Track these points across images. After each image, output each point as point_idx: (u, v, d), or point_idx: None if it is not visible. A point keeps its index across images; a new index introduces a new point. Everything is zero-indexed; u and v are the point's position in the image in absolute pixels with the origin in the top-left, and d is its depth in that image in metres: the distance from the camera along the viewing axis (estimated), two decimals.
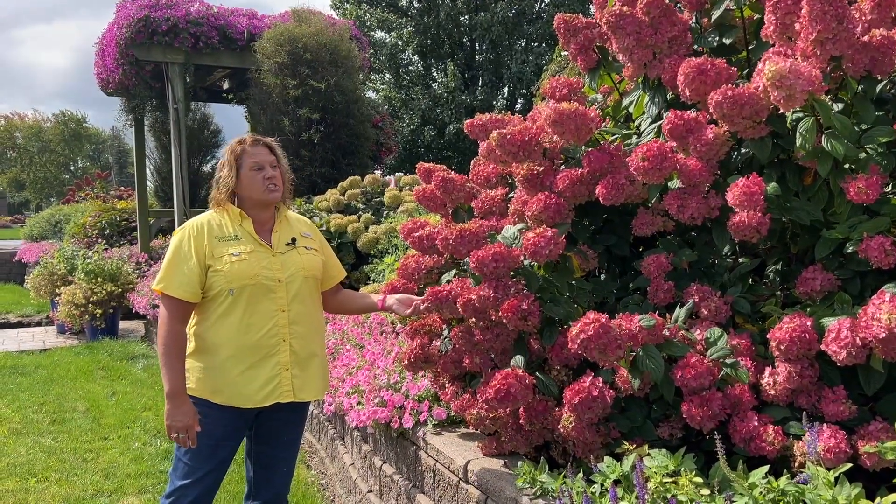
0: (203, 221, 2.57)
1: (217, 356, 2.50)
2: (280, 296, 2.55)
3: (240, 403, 2.51)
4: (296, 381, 2.59)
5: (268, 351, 2.53)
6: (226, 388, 2.50)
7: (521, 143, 2.60)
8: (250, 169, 2.57)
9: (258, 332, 2.51)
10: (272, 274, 2.55)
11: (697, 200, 2.34)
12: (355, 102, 9.39)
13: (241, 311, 2.50)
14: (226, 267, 2.49)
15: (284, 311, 2.56)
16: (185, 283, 2.47)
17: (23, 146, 47.90)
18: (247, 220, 2.60)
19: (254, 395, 2.52)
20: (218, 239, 2.54)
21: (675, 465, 1.96)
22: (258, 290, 2.51)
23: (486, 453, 2.68)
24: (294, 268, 2.61)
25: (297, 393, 2.60)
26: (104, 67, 10.18)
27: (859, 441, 1.94)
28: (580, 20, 2.87)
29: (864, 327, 1.86)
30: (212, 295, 2.51)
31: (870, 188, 2.03)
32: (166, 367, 2.46)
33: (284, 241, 2.64)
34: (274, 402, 2.55)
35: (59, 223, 15.61)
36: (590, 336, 2.03)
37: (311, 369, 2.65)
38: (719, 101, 2.17)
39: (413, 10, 24.60)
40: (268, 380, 2.53)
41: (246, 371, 2.50)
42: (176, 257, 2.51)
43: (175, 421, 2.45)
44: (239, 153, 2.59)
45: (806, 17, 2.07)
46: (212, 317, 2.52)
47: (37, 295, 9.86)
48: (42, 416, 5.66)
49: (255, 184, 2.57)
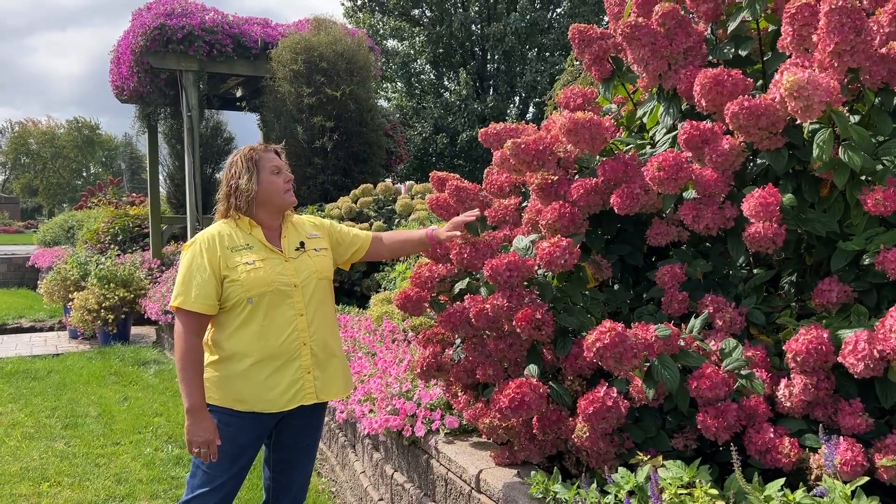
0: (213, 233, 2.57)
1: (240, 364, 2.50)
2: (297, 300, 2.56)
3: (264, 409, 2.52)
4: (317, 383, 2.60)
5: (290, 355, 2.54)
6: (250, 396, 2.50)
7: (535, 153, 2.61)
8: (270, 173, 2.59)
9: (279, 337, 2.52)
10: (287, 279, 2.56)
11: (713, 211, 2.34)
12: (369, 111, 9.44)
13: (261, 318, 2.50)
14: (242, 276, 2.49)
15: (303, 314, 2.57)
16: (202, 297, 2.46)
17: (36, 152, 48.39)
18: (256, 228, 2.60)
19: (278, 399, 2.52)
20: (230, 249, 2.54)
21: (689, 476, 1.95)
22: (276, 296, 2.52)
23: (499, 463, 2.68)
24: (307, 271, 2.62)
25: (319, 394, 2.62)
26: (119, 75, 10.27)
27: (876, 454, 1.92)
28: (595, 31, 2.87)
29: (881, 339, 1.85)
30: (230, 305, 2.51)
31: (887, 200, 2.02)
32: (185, 381, 2.44)
33: (294, 246, 2.65)
34: (298, 405, 2.56)
35: (72, 229, 15.71)
36: (606, 344, 2.03)
37: (331, 369, 2.66)
38: (736, 112, 2.17)
39: (425, 20, 24.73)
40: (291, 383, 2.54)
41: (270, 377, 2.51)
42: (190, 272, 2.50)
43: (196, 436, 2.44)
44: (256, 159, 2.59)
45: (823, 29, 2.07)
46: (231, 326, 2.52)
47: (50, 300, 9.92)
48: (55, 420, 5.69)
49: (275, 187, 2.59)
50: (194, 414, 2.44)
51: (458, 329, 2.58)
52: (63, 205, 42.51)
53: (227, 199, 2.61)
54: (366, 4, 24.95)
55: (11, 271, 15.87)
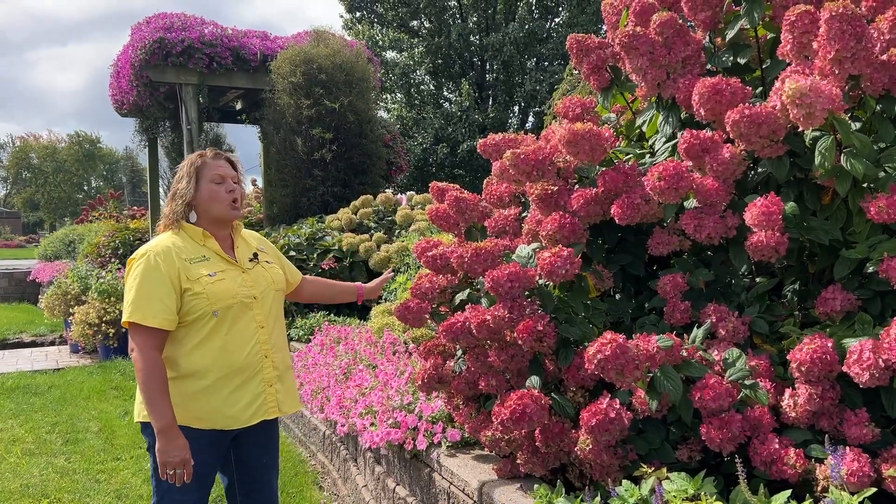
0: (166, 244, 2.41)
1: (202, 381, 2.39)
2: (257, 312, 2.50)
3: (225, 426, 2.42)
4: (279, 396, 2.55)
5: (253, 369, 2.47)
6: (210, 413, 2.40)
7: (535, 163, 2.60)
8: (210, 181, 2.46)
9: (243, 351, 2.44)
10: (248, 291, 2.48)
11: (714, 220, 2.32)
12: (368, 122, 9.46)
13: (225, 331, 2.41)
14: (207, 288, 2.38)
15: (263, 326, 2.50)
16: (161, 311, 2.32)
17: (37, 166, 48.52)
18: (210, 238, 2.49)
19: (240, 414, 2.43)
20: (188, 260, 2.40)
21: (694, 488, 1.93)
22: (239, 308, 2.44)
23: (502, 475, 2.65)
24: (264, 283, 2.55)
25: (282, 406, 2.56)
26: (119, 89, 10.31)
27: (883, 465, 1.90)
28: (593, 40, 2.87)
29: (886, 348, 1.83)
30: (191, 319, 2.38)
31: (890, 207, 2.01)
32: (152, 402, 2.28)
33: (247, 258, 2.57)
34: (260, 419, 2.49)
35: (73, 243, 15.70)
36: (607, 356, 2.01)
37: (288, 382, 2.61)
38: (736, 121, 2.16)
39: (424, 31, 24.83)
40: (254, 398, 2.47)
41: (233, 392, 2.42)
42: (146, 285, 2.33)
43: (171, 457, 2.27)
44: (199, 165, 2.48)
45: (824, 36, 2.06)
46: (192, 341, 2.40)
47: (50, 314, 9.91)
48: (55, 436, 5.66)
49: (215, 197, 2.47)
50: (167, 433, 2.27)
51: (459, 340, 2.56)
52: (64, 219, 42.59)
53: (169, 204, 2.51)
54: (364, 16, 25.08)
55: (13, 286, 15.87)
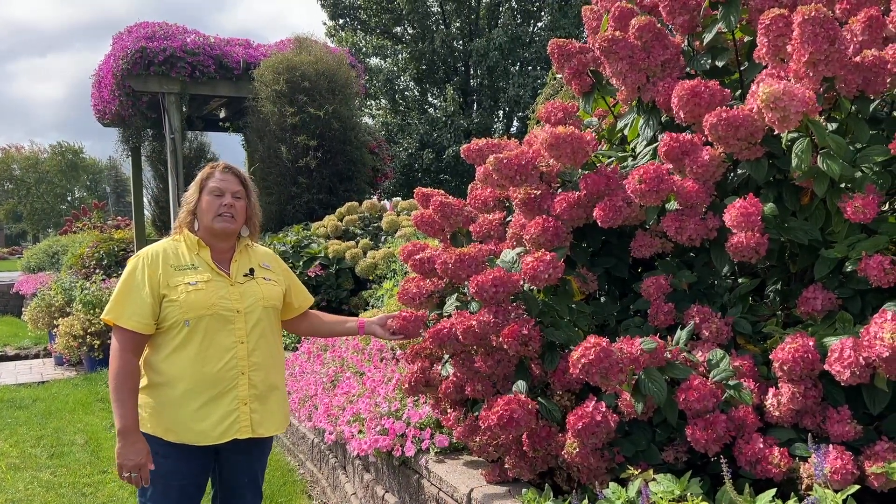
0: (158, 249, 2.45)
1: (173, 390, 2.36)
2: (238, 327, 2.44)
3: (194, 441, 2.37)
4: (255, 416, 2.45)
5: (226, 384, 2.40)
6: (178, 426, 2.36)
7: (517, 168, 2.61)
8: (210, 193, 2.49)
9: (216, 364, 2.38)
10: (230, 304, 2.44)
11: (695, 222, 2.34)
12: (352, 129, 9.46)
13: (198, 342, 2.37)
14: (181, 297, 2.37)
15: (244, 342, 2.44)
16: (136, 314, 2.33)
17: (20, 178, 48.06)
18: (204, 248, 2.49)
19: (210, 431, 2.37)
20: (174, 268, 2.42)
21: (681, 489, 1.94)
22: (215, 320, 2.40)
23: (490, 480, 2.66)
24: (253, 298, 2.50)
25: (256, 428, 2.46)
26: (101, 99, 10.25)
27: (866, 462, 1.92)
28: (573, 45, 2.89)
29: (867, 346, 1.85)
30: (166, 326, 2.38)
31: (867, 207, 2.03)
32: (118, 402, 2.29)
33: (243, 272, 2.54)
34: (231, 438, 2.41)
35: (57, 254, 15.58)
36: (591, 360, 2.02)
37: (270, 403, 2.51)
38: (714, 124, 2.18)
39: (408, 37, 24.85)
40: (225, 415, 2.39)
41: (202, 407, 2.37)
42: (128, 286, 2.37)
43: (126, 460, 2.28)
44: (206, 176, 2.52)
45: (798, 40, 2.08)
46: (166, 349, 2.39)
47: (34, 327, 9.81)
48: (40, 450, 5.60)
49: (209, 209, 2.48)
50: (126, 436, 2.28)
51: (445, 345, 2.56)
52: (48, 230, 42.20)
53: (180, 209, 2.56)
54: (348, 23, 25.07)
55: None
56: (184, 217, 2.53)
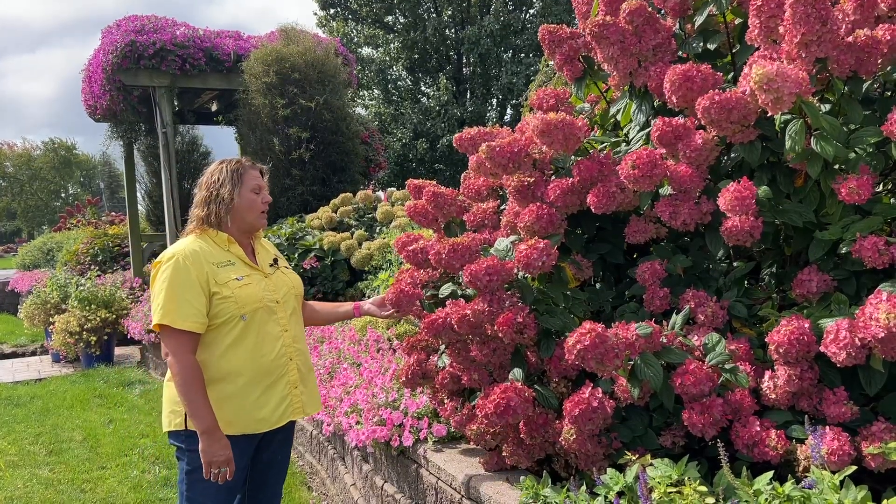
0: (193, 248, 2.43)
1: (233, 384, 2.41)
2: (281, 316, 2.54)
3: (255, 429, 2.45)
4: (303, 398, 2.59)
5: (279, 372, 2.50)
6: (240, 417, 2.42)
7: (510, 155, 2.60)
8: (251, 190, 2.53)
9: (270, 354, 2.47)
10: (272, 295, 2.53)
11: (689, 206, 2.34)
12: (344, 119, 9.40)
13: (254, 335, 2.44)
14: (235, 292, 2.42)
15: (288, 330, 2.55)
16: (192, 314, 2.34)
17: (13, 175, 47.84)
18: (234, 244, 2.52)
19: (269, 416, 2.47)
20: (215, 265, 2.43)
21: (678, 474, 1.94)
22: (265, 312, 2.48)
23: (488, 469, 2.66)
24: (285, 287, 2.61)
25: (305, 408, 2.60)
26: (91, 94, 10.17)
27: (863, 442, 1.92)
28: (564, 31, 2.86)
29: (862, 327, 1.85)
30: (219, 322, 2.40)
31: (861, 188, 2.03)
32: (192, 403, 2.29)
33: (268, 263, 2.62)
34: (287, 420, 2.54)
35: (52, 251, 15.51)
36: (586, 346, 2.01)
37: (310, 384, 2.65)
38: (707, 107, 2.17)
39: (399, 26, 24.73)
40: (280, 400, 2.50)
41: (261, 395, 2.46)
42: (175, 287, 2.34)
43: (216, 456, 2.30)
44: (241, 172, 2.52)
45: (789, 20, 2.07)
46: (221, 345, 2.41)
47: (30, 324, 9.78)
48: (38, 447, 5.59)
49: (253, 206, 2.53)
50: (211, 434, 2.30)
51: (441, 335, 2.56)
52: (42, 227, 42.02)
53: (206, 206, 2.50)
54: (338, 13, 24.91)
55: None
56: (223, 214, 2.48)
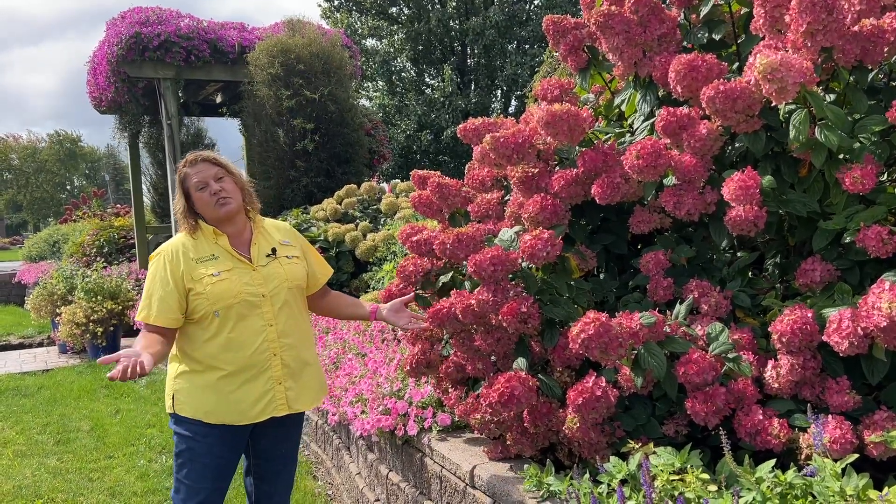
0: (177, 245, 2.52)
1: (210, 376, 2.46)
2: (266, 310, 2.52)
3: (234, 421, 2.48)
4: (290, 394, 2.56)
5: (260, 367, 2.49)
6: (219, 408, 2.46)
7: (514, 146, 2.60)
8: (196, 190, 2.53)
9: (248, 349, 2.47)
10: (255, 290, 2.51)
11: (693, 196, 2.34)
12: (348, 111, 9.40)
13: (229, 330, 2.45)
14: (207, 289, 2.44)
15: (272, 325, 2.52)
16: (164, 311, 2.42)
17: (19, 167, 48.01)
18: (221, 236, 2.54)
19: (248, 410, 2.49)
20: (195, 261, 2.48)
21: (681, 462, 1.95)
22: (243, 307, 2.47)
23: (492, 457, 2.67)
24: (277, 280, 2.56)
25: (292, 405, 2.58)
26: (96, 86, 10.19)
27: (865, 431, 1.93)
28: (569, 21, 2.86)
29: (864, 317, 1.86)
30: (197, 318, 2.46)
31: (865, 177, 2.03)
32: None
33: (265, 253, 2.59)
34: (269, 416, 2.53)
35: (58, 243, 15.58)
36: (590, 335, 2.02)
37: (304, 379, 2.62)
38: (712, 97, 2.17)
39: (403, 17, 24.66)
40: (261, 395, 2.50)
41: (239, 388, 2.47)
42: (154, 285, 2.46)
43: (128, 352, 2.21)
44: (183, 177, 2.55)
45: (795, 10, 2.06)
46: (199, 339, 2.48)
47: (37, 316, 9.84)
48: (46, 436, 5.64)
49: (204, 204, 2.52)
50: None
51: (445, 325, 2.57)
52: (48, 219, 42.15)
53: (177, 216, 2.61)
54: (343, 4, 24.86)
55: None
56: (184, 223, 2.55)
